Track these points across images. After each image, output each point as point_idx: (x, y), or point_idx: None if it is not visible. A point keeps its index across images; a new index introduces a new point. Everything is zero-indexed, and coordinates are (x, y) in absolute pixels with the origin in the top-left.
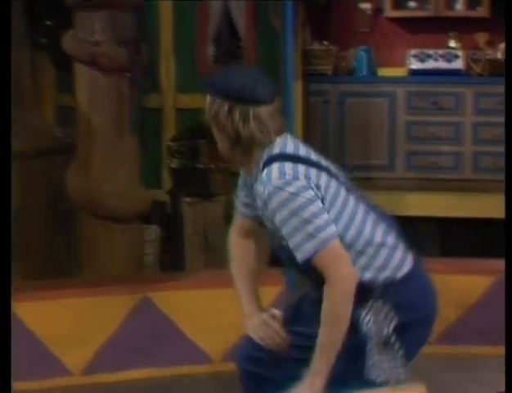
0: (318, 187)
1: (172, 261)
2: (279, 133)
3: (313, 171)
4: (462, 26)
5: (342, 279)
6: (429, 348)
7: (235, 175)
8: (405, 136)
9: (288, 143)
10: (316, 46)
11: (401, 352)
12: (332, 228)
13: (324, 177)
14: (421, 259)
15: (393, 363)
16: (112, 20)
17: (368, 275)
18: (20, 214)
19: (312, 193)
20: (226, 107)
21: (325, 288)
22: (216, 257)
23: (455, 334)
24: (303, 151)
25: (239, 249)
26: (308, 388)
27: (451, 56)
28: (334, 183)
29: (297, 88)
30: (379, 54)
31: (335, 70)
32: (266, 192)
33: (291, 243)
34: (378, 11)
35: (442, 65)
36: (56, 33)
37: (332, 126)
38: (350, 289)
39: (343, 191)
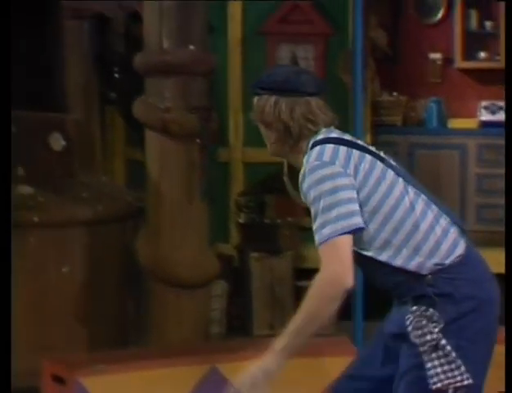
0: (357, 170)
1: (239, 317)
2: (328, 126)
3: (356, 152)
4: None
5: (328, 279)
6: None
7: (303, 230)
8: (475, 189)
9: (333, 131)
10: (385, 97)
11: (454, 353)
12: (349, 222)
13: (368, 158)
14: (473, 245)
15: (448, 366)
16: (182, 86)
17: (416, 261)
18: (90, 282)
19: (345, 181)
20: (272, 101)
21: (314, 280)
22: (283, 312)
23: None
24: (349, 137)
25: None
26: (263, 369)
27: None
28: (379, 166)
29: (366, 139)
30: (450, 105)
31: (405, 120)
32: (302, 173)
33: (314, 226)
34: (448, 61)
35: None
36: (126, 89)
37: None
38: (333, 293)
39: (390, 175)
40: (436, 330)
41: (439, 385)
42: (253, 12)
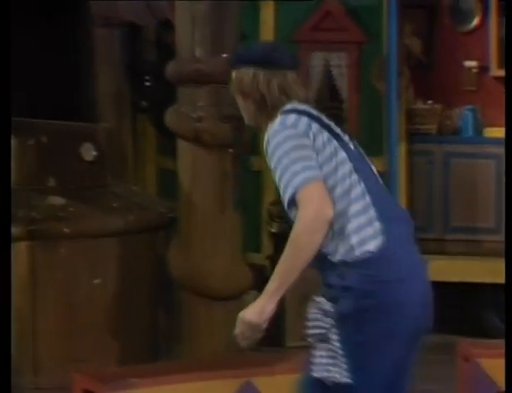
0: (316, 139)
1: (272, 328)
2: (302, 102)
3: (316, 125)
4: None
5: (310, 213)
6: None
7: None
8: None
9: (302, 104)
10: (420, 105)
11: (341, 351)
12: (318, 172)
13: (325, 134)
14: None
15: (331, 360)
16: (215, 95)
17: (335, 243)
18: (121, 293)
19: (306, 142)
20: (251, 73)
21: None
22: None
23: None
24: (316, 112)
25: None
26: (257, 310)
27: None
28: (334, 144)
29: (401, 147)
30: (486, 114)
31: (440, 129)
32: (266, 138)
33: (282, 184)
34: (484, 69)
35: None
36: (158, 97)
37: (437, 187)
38: (316, 224)
39: (341, 155)
40: (327, 323)
41: (324, 375)
42: (286, 20)
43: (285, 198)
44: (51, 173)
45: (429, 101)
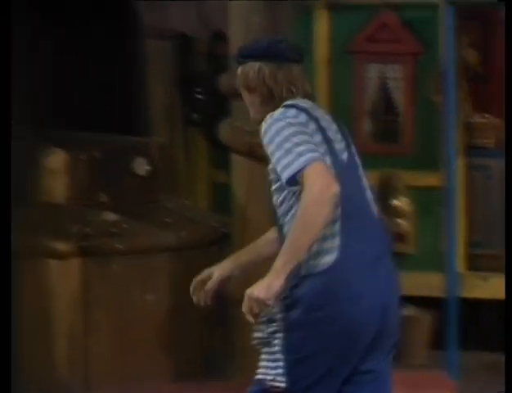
0: (312, 137)
1: None
2: (307, 98)
3: (313, 125)
4: None
5: (317, 188)
6: None
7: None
8: None
9: (305, 101)
10: (477, 118)
11: (280, 356)
12: (322, 156)
13: (319, 136)
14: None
15: (271, 363)
16: None
17: None
18: (174, 309)
19: (308, 130)
20: (256, 67)
21: (302, 194)
22: None
23: None
24: (314, 112)
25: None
26: (265, 286)
27: None
28: (323, 148)
29: (458, 162)
30: None
31: (498, 143)
32: (264, 126)
33: (280, 165)
34: None
35: None
36: (209, 110)
37: (496, 203)
38: (323, 197)
39: (327, 160)
40: (269, 330)
41: (261, 377)
42: (341, 30)
43: (287, 174)
44: (103, 189)
45: (487, 115)
